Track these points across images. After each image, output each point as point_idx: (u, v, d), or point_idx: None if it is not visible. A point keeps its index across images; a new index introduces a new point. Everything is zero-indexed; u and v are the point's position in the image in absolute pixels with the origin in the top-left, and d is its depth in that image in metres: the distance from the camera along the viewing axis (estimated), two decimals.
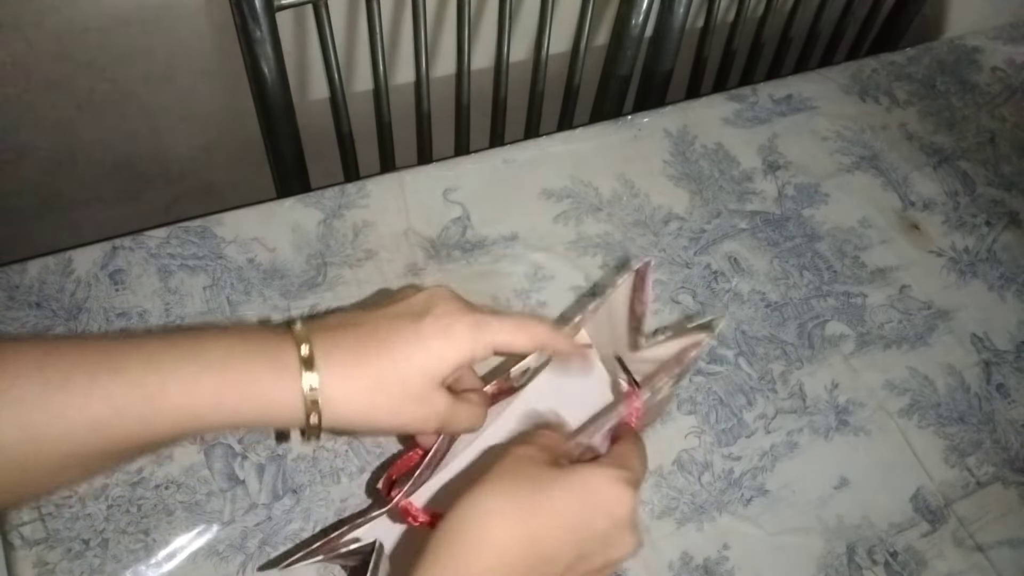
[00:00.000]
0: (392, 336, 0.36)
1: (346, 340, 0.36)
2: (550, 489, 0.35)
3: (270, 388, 0.34)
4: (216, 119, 0.94)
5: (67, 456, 0.31)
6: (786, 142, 0.71)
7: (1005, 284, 0.67)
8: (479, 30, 0.92)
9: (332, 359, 0.35)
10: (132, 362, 0.32)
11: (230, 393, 0.33)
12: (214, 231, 0.57)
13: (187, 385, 0.32)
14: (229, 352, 0.34)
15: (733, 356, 0.59)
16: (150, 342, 0.34)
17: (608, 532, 0.36)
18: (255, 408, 0.34)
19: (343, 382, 0.35)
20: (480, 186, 0.63)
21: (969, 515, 0.55)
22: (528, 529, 0.34)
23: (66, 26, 0.77)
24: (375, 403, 0.36)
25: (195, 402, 0.33)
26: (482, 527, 0.33)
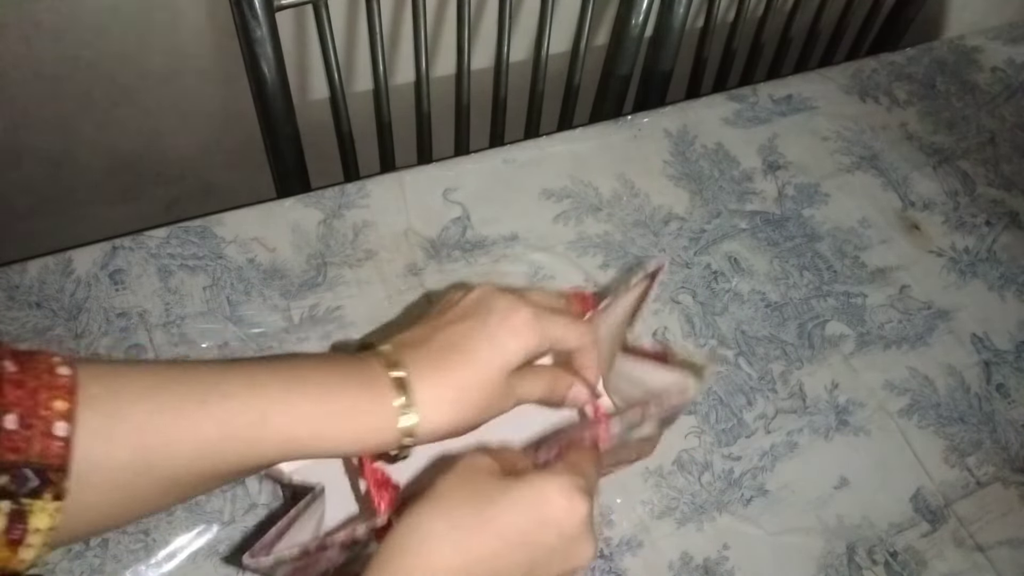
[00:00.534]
0: (468, 343, 0.38)
1: (430, 356, 0.37)
2: (495, 503, 0.34)
3: (367, 414, 0.35)
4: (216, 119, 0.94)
5: (173, 480, 0.32)
6: (786, 142, 0.71)
7: (1005, 284, 0.67)
8: (479, 30, 0.92)
9: (422, 377, 0.36)
10: (240, 388, 0.33)
11: (330, 420, 0.34)
12: (214, 231, 0.57)
13: (289, 413, 0.34)
14: (327, 379, 0.35)
15: (733, 356, 0.59)
16: (255, 367, 0.35)
17: (559, 545, 0.35)
18: (354, 434, 0.35)
19: (434, 400, 0.36)
20: (480, 186, 0.63)
21: (969, 515, 0.55)
22: (468, 550, 0.33)
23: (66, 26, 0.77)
24: (464, 411, 0.37)
25: (297, 430, 0.34)
26: (419, 553, 0.33)
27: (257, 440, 0.33)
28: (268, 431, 0.33)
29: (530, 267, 0.60)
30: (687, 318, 0.60)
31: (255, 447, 0.33)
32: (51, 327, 0.51)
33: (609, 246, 0.62)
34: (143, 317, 0.53)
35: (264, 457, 0.34)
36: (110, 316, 0.52)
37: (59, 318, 0.52)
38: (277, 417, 0.33)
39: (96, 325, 0.52)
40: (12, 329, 0.51)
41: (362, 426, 0.35)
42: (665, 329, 0.59)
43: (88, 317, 0.52)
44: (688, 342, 0.58)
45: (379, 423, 0.35)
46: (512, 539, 0.34)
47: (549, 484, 0.35)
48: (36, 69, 0.79)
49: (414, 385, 0.36)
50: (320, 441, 0.34)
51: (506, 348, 0.38)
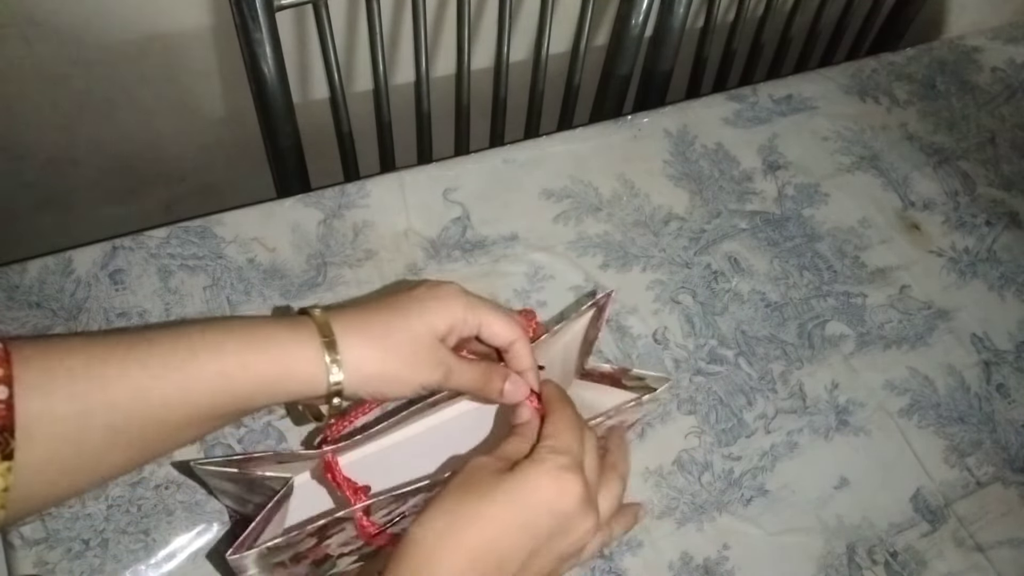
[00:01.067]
0: (394, 302, 0.40)
1: (355, 309, 0.40)
2: (490, 497, 0.37)
3: (291, 346, 0.37)
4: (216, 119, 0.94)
5: (113, 429, 0.34)
6: (786, 142, 0.71)
7: (1005, 284, 0.67)
8: (479, 30, 0.92)
9: (343, 322, 0.38)
10: (164, 336, 0.35)
11: (255, 353, 0.36)
12: (214, 231, 0.57)
13: (215, 350, 0.35)
14: (251, 323, 0.37)
15: (733, 356, 0.59)
16: (180, 324, 0.37)
17: (557, 526, 0.37)
18: (280, 368, 0.37)
19: (356, 337, 0.38)
20: (480, 186, 0.63)
21: (969, 515, 0.55)
22: (468, 543, 0.35)
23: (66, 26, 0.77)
24: (388, 354, 0.39)
25: (224, 365, 0.35)
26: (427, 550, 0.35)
27: (187, 378, 0.35)
28: (196, 368, 0.35)
29: (530, 267, 0.60)
30: (687, 318, 0.60)
31: (186, 385, 0.35)
32: (51, 327, 0.51)
33: (609, 246, 0.62)
34: (143, 317, 0.53)
35: (198, 397, 0.35)
36: (110, 316, 0.52)
37: (59, 318, 0.52)
38: (203, 354, 0.35)
39: (96, 325, 0.52)
40: (12, 329, 0.51)
41: (290, 360, 0.37)
42: (665, 329, 0.59)
43: (88, 317, 0.52)
44: (688, 342, 0.58)
45: (303, 355, 0.37)
46: (508, 526, 0.36)
47: (534, 471, 0.37)
48: (36, 69, 0.79)
49: (335, 326, 0.38)
50: (249, 373, 0.36)
51: (428, 308, 0.40)
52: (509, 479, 0.37)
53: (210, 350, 0.35)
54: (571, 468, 0.38)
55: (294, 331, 0.37)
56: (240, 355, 0.36)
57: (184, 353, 0.35)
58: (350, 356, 0.38)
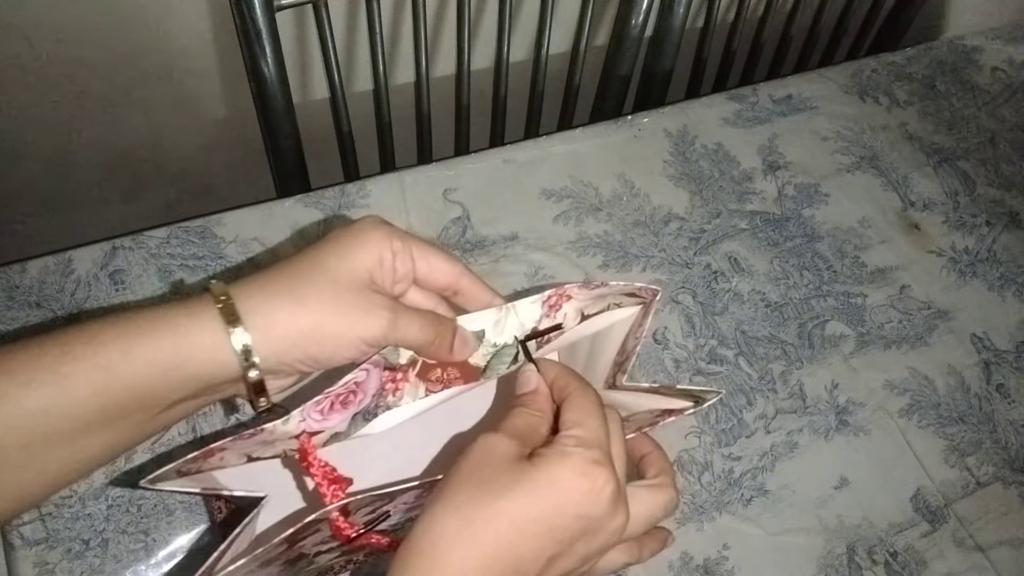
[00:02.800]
0: (305, 249, 0.35)
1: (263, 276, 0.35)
2: (508, 493, 0.32)
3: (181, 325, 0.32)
4: (216, 119, 0.94)
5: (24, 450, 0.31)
6: (786, 142, 0.71)
7: (1005, 284, 0.67)
8: (479, 30, 0.92)
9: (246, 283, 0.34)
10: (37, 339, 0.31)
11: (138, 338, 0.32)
12: (214, 231, 0.57)
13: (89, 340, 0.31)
14: (136, 309, 0.33)
15: (733, 356, 0.59)
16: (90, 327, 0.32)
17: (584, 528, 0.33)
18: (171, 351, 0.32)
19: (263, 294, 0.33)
20: (480, 186, 0.63)
21: (969, 515, 0.55)
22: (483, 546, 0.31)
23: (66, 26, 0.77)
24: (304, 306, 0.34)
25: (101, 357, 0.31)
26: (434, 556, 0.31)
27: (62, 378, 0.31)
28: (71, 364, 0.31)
29: (530, 267, 0.60)
30: (687, 318, 0.60)
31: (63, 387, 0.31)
32: (51, 327, 0.51)
33: (609, 246, 0.62)
34: None
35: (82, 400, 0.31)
36: None
37: (59, 318, 0.52)
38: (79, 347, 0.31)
39: None
40: (12, 329, 0.51)
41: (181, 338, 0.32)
42: (665, 329, 0.59)
43: (88, 317, 0.52)
44: (688, 342, 0.58)
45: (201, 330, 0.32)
46: (529, 529, 0.32)
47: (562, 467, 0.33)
48: (36, 69, 0.79)
49: (238, 292, 0.33)
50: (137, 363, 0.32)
51: (349, 248, 0.35)
52: (531, 473, 0.33)
53: (84, 342, 0.31)
54: (603, 463, 0.33)
55: (185, 305, 0.33)
56: (119, 341, 0.31)
57: (55, 351, 0.31)
58: (256, 319, 0.32)
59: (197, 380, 0.33)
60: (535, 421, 0.36)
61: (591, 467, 0.33)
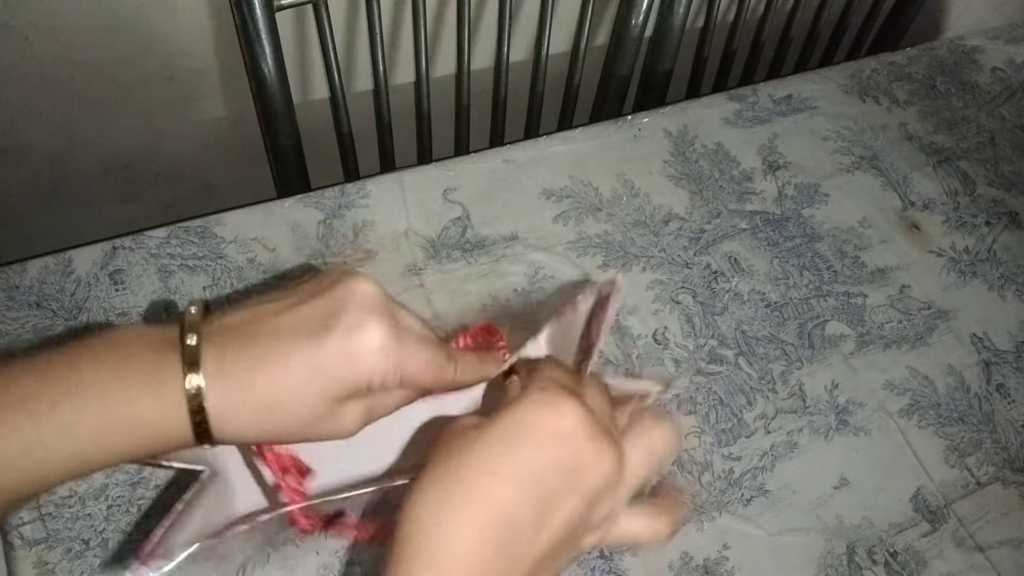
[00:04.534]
0: (290, 352, 0.32)
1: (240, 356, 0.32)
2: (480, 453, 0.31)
3: (154, 419, 0.31)
4: (216, 119, 0.94)
5: None
6: (786, 142, 0.71)
7: (1005, 284, 0.67)
8: (479, 30, 0.92)
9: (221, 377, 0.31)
10: (5, 410, 0.29)
11: (113, 430, 0.30)
12: (214, 231, 0.57)
13: (65, 430, 0.30)
14: (104, 384, 0.30)
15: (733, 356, 0.59)
16: (27, 378, 0.30)
17: (562, 457, 0.31)
18: (144, 442, 0.31)
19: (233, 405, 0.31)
20: (480, 186, 0.63)
21: (969, 515, 0.55)
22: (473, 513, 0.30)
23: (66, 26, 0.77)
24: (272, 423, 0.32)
25: (77, 447, 0.30)
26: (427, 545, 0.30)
27: (35, 465, 0.30)
28: (45, 453, 0.29)
29: (530, 267, 0.60)
30: (687, 318, 0.60)
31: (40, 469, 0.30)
32: (51, 327, 0.51)
33: (609, 246, 0.62)
34: (143, 317, 0.53)
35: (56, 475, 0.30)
36: (110, 316, 0.52)
37: (59, 318, 0.52)
38: (51, 439, 0.29)
39: (96, 325, 0.52)
40: (12, 329, 0.51)
41: (148, 431, 0.31)
42: (665, 329, 0.59)
43: (88, 317, 0.52)
44: (688, 342, 0.58)
45: (168, 430, 0.31)
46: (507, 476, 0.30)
47: (523, 403, 0.31)
48: (36, 69, 0.79)
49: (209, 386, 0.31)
50: (106, 451, 0.30)
51: (331, 374, 0.32)
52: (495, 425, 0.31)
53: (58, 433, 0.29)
54: (562, 393, 0.31)
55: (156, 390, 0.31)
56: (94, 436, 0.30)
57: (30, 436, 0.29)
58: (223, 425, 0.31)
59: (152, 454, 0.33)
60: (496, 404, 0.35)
61: (554, 397, 0.31)
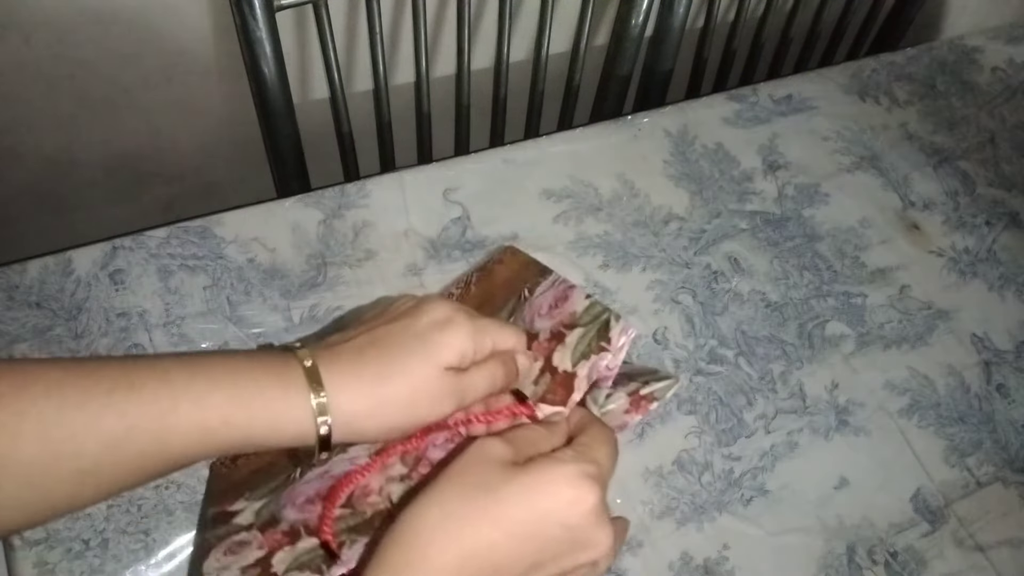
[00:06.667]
0: (389, 338, 0.37)
1: (346, 351, 0.37)
2: (494, 493, 0.33)
3: (277, 401, 0.34)
4: (216, 119, 0.94)
5: (82, 473, 0.32)
6: (786, 142, 0.71)
7: (1005, 284, 0.67)
8: (479, 30, 0.92)
9: (334, 368, 0.36)
10: (147, 380, 0.33)
11: (239, 408, 0.34)
12: (214, 231, 0.57)
13: (198, 402, 0.33)
14: (236, 370, 0.35)
15: (733, 356, 0.59)
16: (164, 360, 0.35)
17: (566, 537, 0.33)
18: (265, 423, 0.34)
19: (347, 386, 0.35)
20: (480, 186, 0.63)
21: (969, 515, 0.55)
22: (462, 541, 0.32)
23: (66, 26, 0.77)
24: (383, 406, 0.36)
25: (206, 419, 0.33)
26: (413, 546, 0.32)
27: (166, 431, 0.33)
28: (176, 420, 0.33)
29: None
30: (687, 318, 0.60)
31: (164, 438, 0.33)
32: (51, 327, 0.51)
33: (609, 246, 0.62)
34: (143, 317, 0.53)
35: (176, 449, 0.33)
36: (110, 316, 0.52)
37: (59, 318, 0.52)
38: (184, 407, 0.33)
39: (96, 325, 0.52)
40: (12, 329, 0.51)
41: (271, 413, 0.34)
42: (665, 329, 0.59)
43: (88, 317, 0.52)
44: (688, 342, 0.58)
45: (289, 409, 0.34)
46: (512, 531, 0.32)
47: (553, 473, 0.33)
48: (36, 69, 0.79)
49: (324, 373, 0.35)
50: (231, 429, 0.34)
51: (436, 350, 0.37)
52: (521, 476, 0.33)
53: (192, 401, 0.33)
54: (595, 479, 0.34)
55: (282, 382, 0.35)
56: (223, 409, 0.34)
57: (166, 403, 0.33)
58: (340, 410, 0.35)
59: (271, 446, 0.36)
60: (535, 436, 0.37)
61: (583, 479, 0.33)
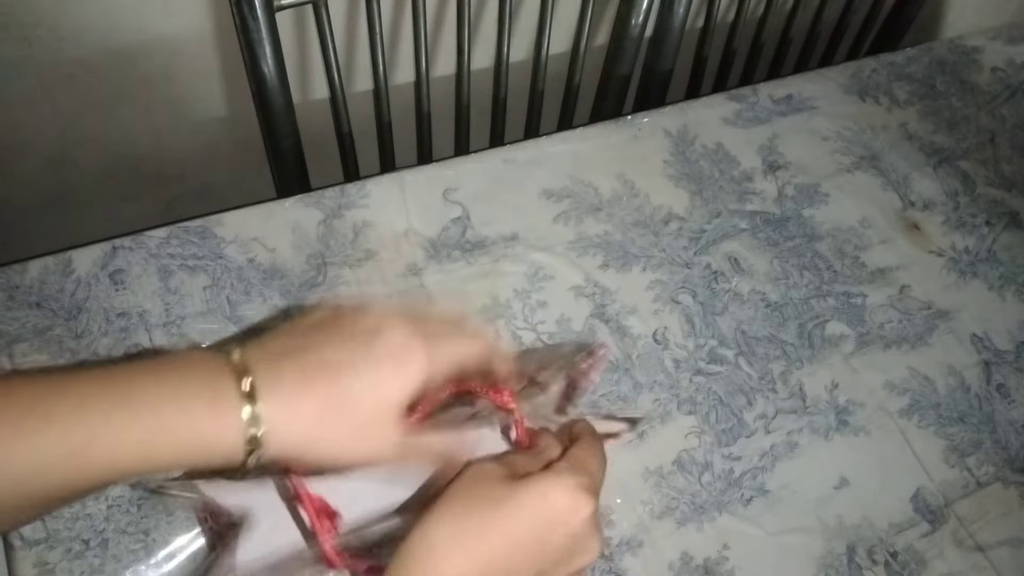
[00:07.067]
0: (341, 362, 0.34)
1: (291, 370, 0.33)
2: (502, 506, 0.35)
3: (207, 429, 0.32)
4: (216, 119, 0.94)
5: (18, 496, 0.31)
6: (786, 142, 0.71)
7: (1005, 284, 0.67)
8: (479, 30, 0.92)
9: (275, 392, 0.33)
10: (62, 412, 0.30)
11: (163, 440, 0.32)
12: (214, 231, 0.57)
13: (116, 437, 0.31)
14: (160, 397, 0.32)
15: (733, 356, 0.59)
16: (82, 384, 0.31)
17: (566, 544, 0.36)
18: (191, 452, 0.32)
19: (288, 416, 0.33)
20: (480, 186, 0.63)
21: (969, 515, 0.55)
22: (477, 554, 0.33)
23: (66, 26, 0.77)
24: (323, 436, 0.34)
25: (122, 455, 0.31)
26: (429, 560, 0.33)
27: (78, 467, 0.31)
28: (90, 457, 0.31)
29: (530, 267, 0.60)
30: (687, 318, 0.60)
31: (78, 469, 0.31)
32: (51, 327, 0.51)
33: (609, 246, 0.62)
34: (143, 317, 0.53)
35: (92, 481, 0.32)
36: (110, 316, 0.52)
37: (59, 318, 0.52)
38: (100, 442, 0.31)
39: (96, 325, 0.52)
40: (12, 329, 0.51)
41: (199, 442, 0.32)
42: (665, 329, 0.59)
43: (88, 317, 0.52)
44: (688, 342, 0.58)
45: (219, 438, 0.32)
46: (521, 539, 0.34)
47: (554, 484, 0.35)
48: (36, 69, 0.79)
49: (263, 398, 0.32)
50: (150, 461, 0.32)
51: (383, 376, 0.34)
52: (523, 488, 0.35)
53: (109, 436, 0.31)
54: (589, 490, 0.36)
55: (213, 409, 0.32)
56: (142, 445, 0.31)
57: (81, 438, 0.30)
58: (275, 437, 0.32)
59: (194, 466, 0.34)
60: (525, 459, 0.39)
61: (579, 491, 0.36)
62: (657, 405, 0.55)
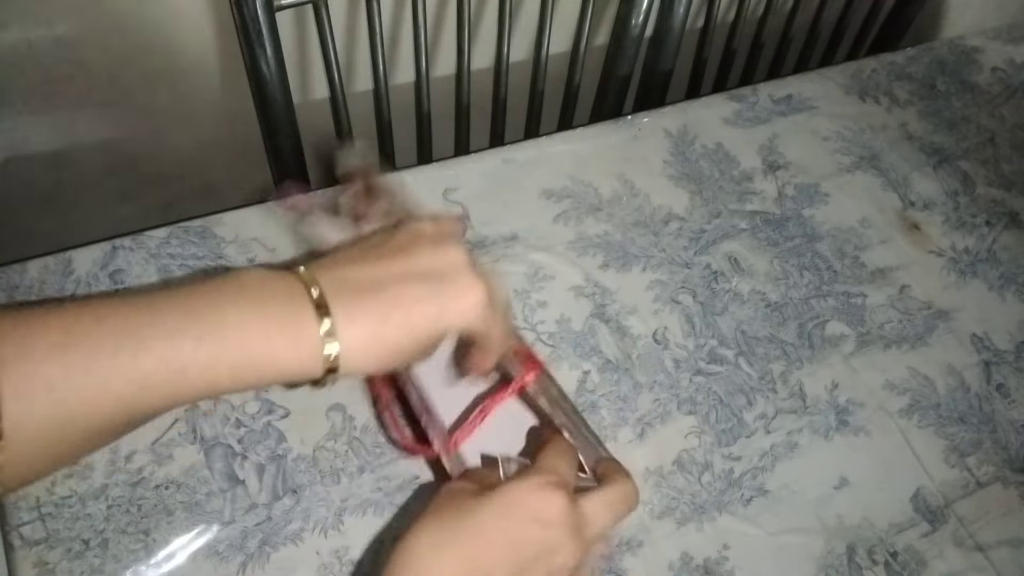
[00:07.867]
0: (415, 309, 0.37)
1: (367, 312, 0.37)
2: (475, 513, 0.37)
3: (290, 356, 0.35)
4: (216, 119, 0.94)
5: (95, 431, 0.33)
6: (786, 142, 0.71)
7: (1005, 284, 0.67)
8: (479, 30, 0.92)
9: (351, 332, 0.36)
10: (153, 341, 0.33)
11: (248, 367, 0.35)
12: (214, 231, 0.57)
13: (208, 363, 0.34)
14: (246, 325, 0.34)
15: (733, 356, 0.59)
16: (170, 315, 0.34)
17: (543, 538, 0.37)
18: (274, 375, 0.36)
19: (362, 351, 0.36)
20: (480, 186, 0.63)
21: (969, 515, 0.55)
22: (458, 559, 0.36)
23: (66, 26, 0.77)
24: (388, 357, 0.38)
25: (217, 378, 0.34)
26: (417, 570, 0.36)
27: (175, 389, 0.34)
28: (186, 380, 0.33)
29: (530, 267, 0.60)
30: (687, 318, 0.60)
31: (174, 395, 0.34)
32: None
33: (609, 246, 0.62)
34: None
35: (186, 399, 0.35)
36: None
37: None
38: (194, 369, 0.33)
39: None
40: None
41: (282, 372, 0.36)
42: (665, 329, 0.59)
43: None
44: (688, 342, 0.58)
45: (299, 364, 0.35)
46: (495, 540, 0.37)
47: (522, 486, 0.38)
48: (36, 69, 0.79)
49: (341, 336, 0.36)
50: (239, 384, 0.35)
51: (449, 323, 0.38)
52: (494, 495, 0.38)
53: (202, 364, 0.34)
54: (559, 485, 0.38)
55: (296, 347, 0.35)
56: (234, 372, 0.34)
57: (175, 365, 0.33)
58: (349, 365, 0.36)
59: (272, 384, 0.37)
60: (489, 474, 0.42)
61: (547, 487, 0.38)
62: (657, 405, 0.55)
